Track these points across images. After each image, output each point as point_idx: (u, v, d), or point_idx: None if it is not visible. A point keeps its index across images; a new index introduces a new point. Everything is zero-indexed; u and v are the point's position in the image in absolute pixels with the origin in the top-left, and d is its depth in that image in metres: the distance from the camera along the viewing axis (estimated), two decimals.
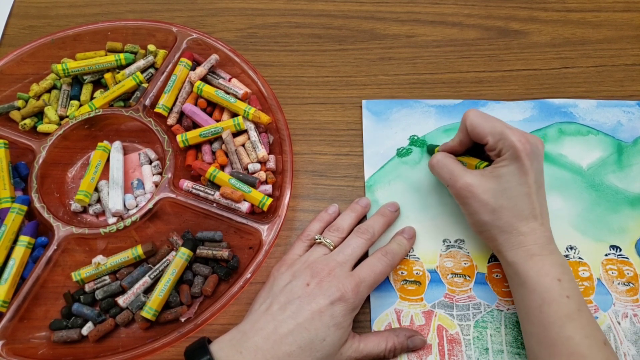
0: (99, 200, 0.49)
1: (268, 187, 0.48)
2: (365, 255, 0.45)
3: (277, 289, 0.40)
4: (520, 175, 0.40)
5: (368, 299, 0.46)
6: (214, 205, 0.46)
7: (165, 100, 0.50)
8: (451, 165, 0.43)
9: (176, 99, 0.51)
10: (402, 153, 0.52)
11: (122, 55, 0.53)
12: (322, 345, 0.37)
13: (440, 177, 0.45)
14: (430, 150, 0.51)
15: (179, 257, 0.44)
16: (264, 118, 0.49)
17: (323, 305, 0.38)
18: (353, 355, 0.40)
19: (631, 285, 0.46)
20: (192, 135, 0.49)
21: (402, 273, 0.46)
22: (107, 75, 0.53)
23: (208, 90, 0.50)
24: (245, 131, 0.50)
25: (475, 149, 0.45)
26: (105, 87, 0.54)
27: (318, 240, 0.44)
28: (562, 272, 0.39)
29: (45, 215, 0.45)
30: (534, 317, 0.38)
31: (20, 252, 0.44)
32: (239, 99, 0.50)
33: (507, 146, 0.40)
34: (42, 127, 0.51)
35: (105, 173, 0.49)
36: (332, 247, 0.43)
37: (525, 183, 0.40)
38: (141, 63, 0.53)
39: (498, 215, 0.40)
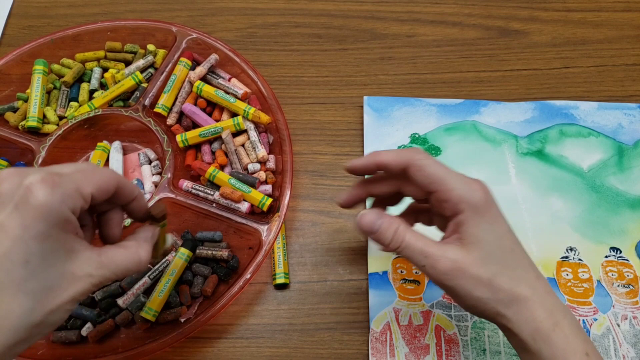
0: None
1: (268, 187, 0.48)
2: None
3: None
4: (496, 226, 0.33)
5: (367, 297, 0.46)
6: (214, 205, 0.46)
7: (164, 100, 0.50)
8: (417, 240, 0.33)
9: (176, 98, 0.51)
10: None
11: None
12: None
13: (408, 258, 0.34)
14: None
15: (178, 258, 0.44)
16: (264, 118, 0.49)
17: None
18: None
19: (631, 287, 0.46)
20: (192, 135, 0.49)
21: (401, 272, 0.46)
22: (107, 75, 0.53)
23: (208, 90, 0.50)
24: (245, 131, 0.50)
25: None
26: (105, 86, 0.54)
27: None
28: (584, 339, 0.32)
29: None
30: None
31: None
32: (238, 98, 0.50)
33: (461, 196, 0.32)
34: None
35: None
36: None
37: (505, 234, 0.33)
38: (140, 63, 0.53)
39: (496, 287, 0.32)
